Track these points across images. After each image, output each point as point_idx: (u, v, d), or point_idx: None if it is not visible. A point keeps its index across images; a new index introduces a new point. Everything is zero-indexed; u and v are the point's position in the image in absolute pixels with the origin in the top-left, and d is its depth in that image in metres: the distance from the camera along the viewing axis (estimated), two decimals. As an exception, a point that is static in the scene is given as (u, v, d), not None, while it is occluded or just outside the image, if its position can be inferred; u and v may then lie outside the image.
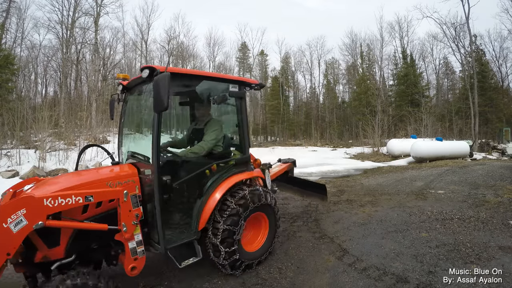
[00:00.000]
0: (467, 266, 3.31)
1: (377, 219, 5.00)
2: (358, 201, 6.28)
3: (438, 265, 3.38)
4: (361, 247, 3.97)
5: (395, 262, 3.49)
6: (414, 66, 34.52)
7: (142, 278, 3.19)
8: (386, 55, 36.86)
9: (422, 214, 5.18)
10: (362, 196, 6.76)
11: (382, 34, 36.01)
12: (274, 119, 38.24)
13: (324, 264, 3.57)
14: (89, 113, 19.91)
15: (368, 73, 37.92)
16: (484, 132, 26.97)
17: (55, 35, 25.93)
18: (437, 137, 17.35)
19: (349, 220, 5.05)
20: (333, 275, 3.31)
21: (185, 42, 37.81)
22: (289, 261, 3.67)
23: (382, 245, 3.97)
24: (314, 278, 3.29)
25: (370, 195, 6.84)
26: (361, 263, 3.53)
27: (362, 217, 5.19)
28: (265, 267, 3.51)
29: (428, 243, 3.96)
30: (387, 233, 4.41)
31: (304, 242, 4.21)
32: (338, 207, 5.89)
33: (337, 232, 4.54)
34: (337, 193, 7.23)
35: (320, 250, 3.97)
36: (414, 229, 4.48)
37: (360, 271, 3.36)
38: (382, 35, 35.99)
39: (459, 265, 3.36)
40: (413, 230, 4.47)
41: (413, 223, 4.74)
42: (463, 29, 28.44)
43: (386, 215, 5.19)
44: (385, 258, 3.62)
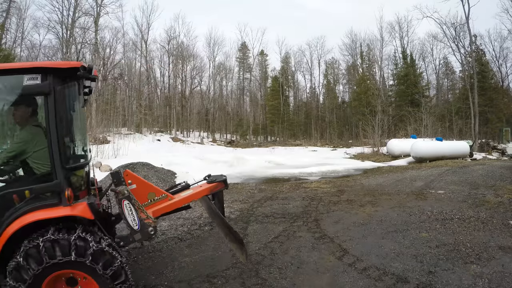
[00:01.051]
0: (467, 266, 3.31)
1: (377, 219, 5.00)
2: (358, 201, 6.28)
3: (438, 265, 3.38)
4: (361, 247, 3.97)
5: (395, 262, 3.49)
6: (414, 66, 34.57)
7: (142, 278, 3.19)
8: (386, 55, 36.98)
9: (422, 214, 5.17)
10: (362, 196, 6.75)
11: (382, 34, 36.09)
12: (274, 119, 38.26)
13: (324, 264, 3.56)
14: (89, 113, 19.93)
15: (368, 73, 37.98)
16: (484, 132, 26.98)
17: (55, 35, 26.08)
18: (437, 137, 17.36)
19: (349, 220, 5.04)
20: (333, 275, 3.31)
21: (185, 42, 37.87)
22: (289, 261, 3.66)
23: (382, 245, 3.97)
24: (314, 278, 3.29)
25: (370, 195, 6.84)
26: (361, 263, 3.53)
27: (362, 217, 5.19)
28: (265, 267, 3.51)
29: (428, 243, 3.95)
30: (387, 233, 4.40)
31: (304, 242, 4.20)
32: (338, 207, 5.89)
33: (337, 232, 4.54)
34: (337, 193, 7.23)
35: (320, 250, 3.96)
36: (414, 229, 4.48)
37: (360, 271, 3.35)
38: (382, 35, 36.08)
39: (459, 265, 3.36)
40: (413, 230, 4.46)
41: (413, 223, 4.74)
42: (463, 29, 28.52)
43: (386, 215, 5.19)
44: (385, 258, 3.62)
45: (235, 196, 6.94)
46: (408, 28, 34.75)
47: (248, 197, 6.99)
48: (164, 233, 4.55)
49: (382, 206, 5.81)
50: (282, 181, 10.18)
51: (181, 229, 4.78)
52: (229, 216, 5.33)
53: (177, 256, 3.81)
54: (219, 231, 3.56)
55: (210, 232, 4.61)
